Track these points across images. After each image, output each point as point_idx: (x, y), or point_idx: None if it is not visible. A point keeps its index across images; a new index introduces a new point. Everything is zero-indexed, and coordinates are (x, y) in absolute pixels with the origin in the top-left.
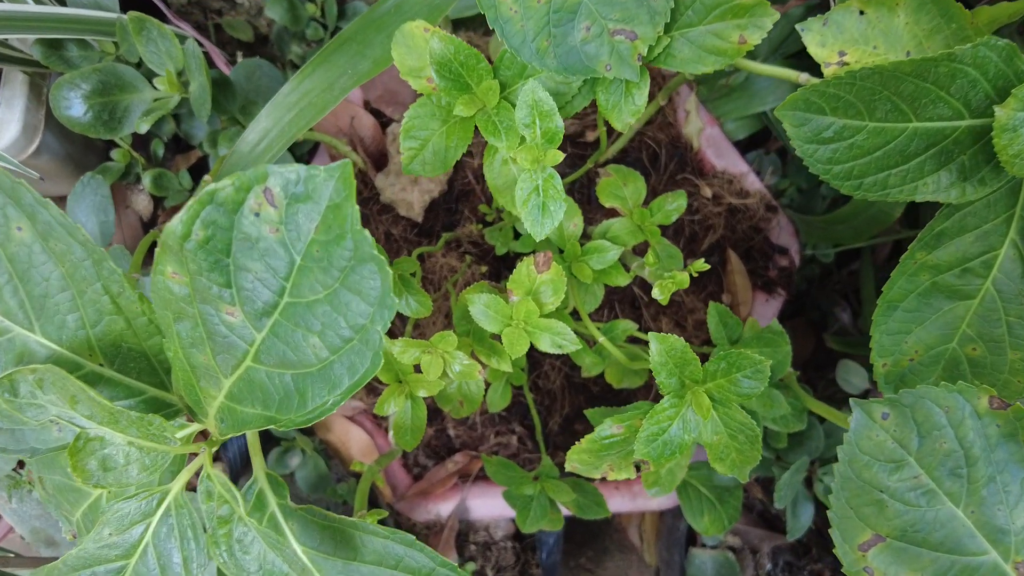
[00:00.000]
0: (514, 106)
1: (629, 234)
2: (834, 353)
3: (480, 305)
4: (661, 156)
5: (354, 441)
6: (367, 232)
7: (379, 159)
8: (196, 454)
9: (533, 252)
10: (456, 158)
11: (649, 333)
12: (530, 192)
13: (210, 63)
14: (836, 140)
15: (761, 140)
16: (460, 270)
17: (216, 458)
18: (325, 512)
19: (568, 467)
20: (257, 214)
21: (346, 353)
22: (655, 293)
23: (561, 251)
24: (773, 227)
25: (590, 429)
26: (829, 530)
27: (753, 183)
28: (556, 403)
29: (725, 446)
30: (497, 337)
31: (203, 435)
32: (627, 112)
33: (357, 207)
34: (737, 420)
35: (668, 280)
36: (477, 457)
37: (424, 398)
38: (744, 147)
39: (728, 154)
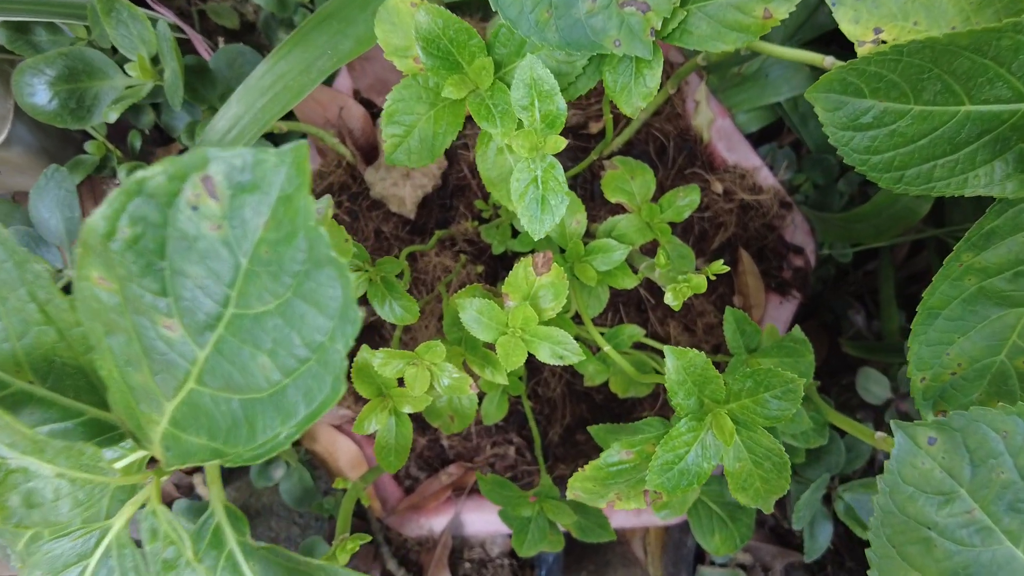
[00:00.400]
0: (510, 87)
1: (637, 232)
2: (849, 358)
3: (472, 311)
4: (669, 149)
5: (342, 452)
6: (323, 230)
7: (369, 152)
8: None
9: (532, 252)
10: (445, 146)
11: (665, 348)
12: (527, 184)
13: (190, 50)
14: (876, 126)
15: (775, 133)
16: (454, 270)
17: (197, 468)
18: (289, 554)
19: (570, 495)
20: (195, 208)
21: (301, 376)
22: (668, 299)
23: (562, 251)
24: (787, 225)
25: (593, 441)
26: (867, 572)
27: (766, 178)
28: (557, 412)
29: (748, 474)
30: (491, 346)
31: (155, 461)
32: (637, 95)
33: (312, 199)
34: (763, 446)
35: (683, 284)
36: (472, 469)
37: (411, 413)
38: (757, 140)
39: (740, 147)
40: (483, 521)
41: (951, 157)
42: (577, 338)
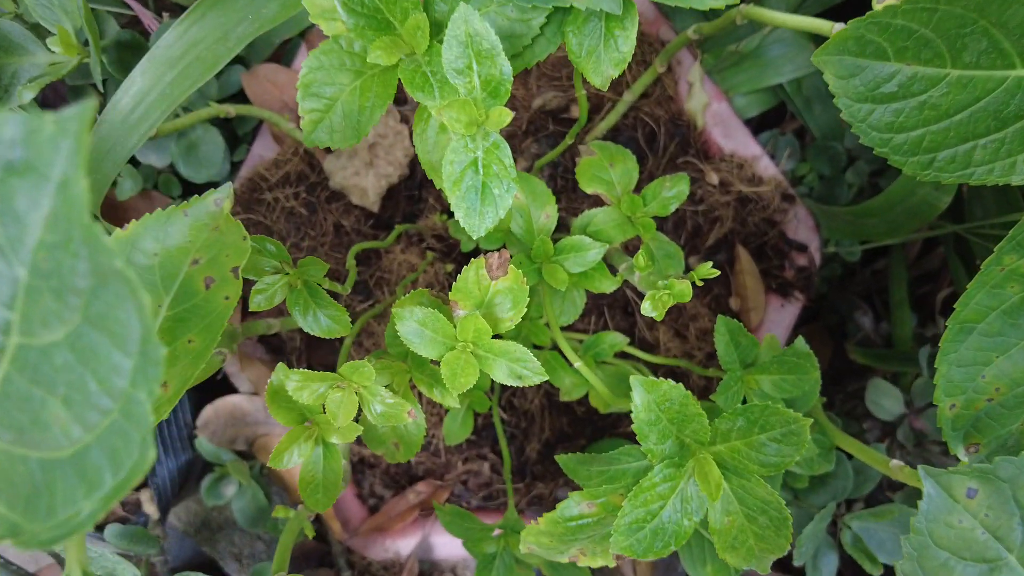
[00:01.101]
0: None
1: (616, 228)
2: (854, 364)
3: (412, 322)
4: (659, 136)
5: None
6: (101, 230)
7: None
8: None
9: (499, 250)
10: (373, 122)
11: (632, 380)
12: (464, 168)
13: (134, 24)
14: (901, 97)
15: (776, 118)
16: (419, 269)
17: (143, 485)
18: None
19: (523, 549)
20: None
21: (105, 433)
22: (646, 308)
23: (530, 249)
24: (790, 220)
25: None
26: None
27: (767, 168)
28: (534, 426)
29: (740, 531)
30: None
31: None
32: (608, 62)
33: (86, 182)
34: (758, 497)
35: (663, 292)
36: (443, 487)
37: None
38: (756, 126)
39: (738, 134)
40: (454, 544)
41: (996, 136)
42: (553, 346)
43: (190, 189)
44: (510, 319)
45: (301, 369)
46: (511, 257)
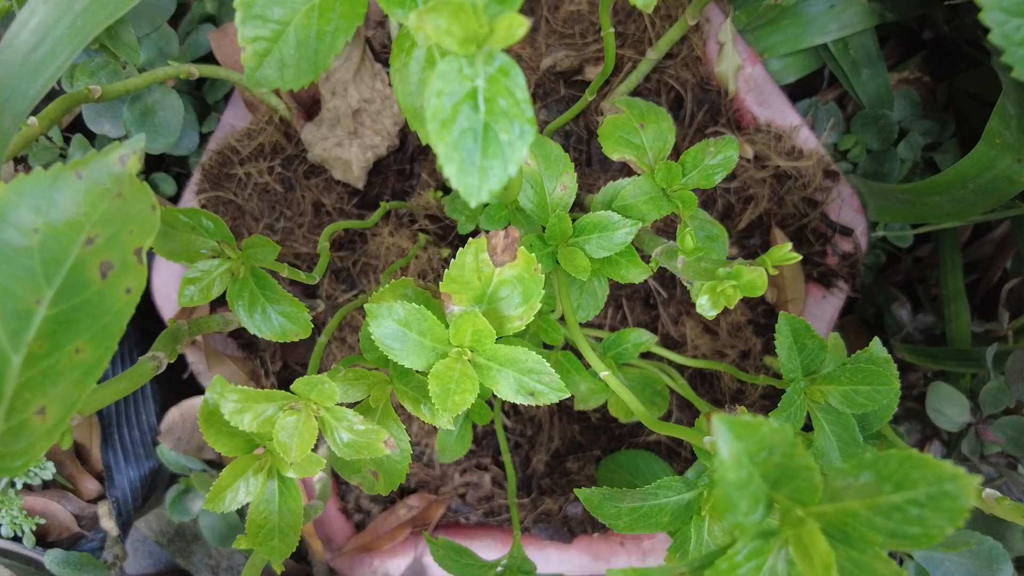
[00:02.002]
0: None
1: (650, 202)
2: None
3: (390, 321)
4: (686, 102)
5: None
6: None
7: (310, 105)
8: None
9: (506, 228)
10: (336, 51)
11: (715, 420)
12: (458, 103)
13: None
14: None
15: (817, 84)
16: (409, 254)
17: (101, 496)
18: None
19: None
20: None
21: None
22: (702, 306)
23: (543, 229)
24: (833, 200)
25: (585, 469)
26: None
27: (807, 140)
28: (542, 434)
29: None
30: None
31: None
32: None
33: None
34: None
35: (726, 284)
36: (438, 501)
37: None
38: (795, 93)
39: (774, 101)
40: None
41: None
42: (565, 345)
43: (154, 162)
44: (519, 317)
45: (244, 388)
46: (520, 237)
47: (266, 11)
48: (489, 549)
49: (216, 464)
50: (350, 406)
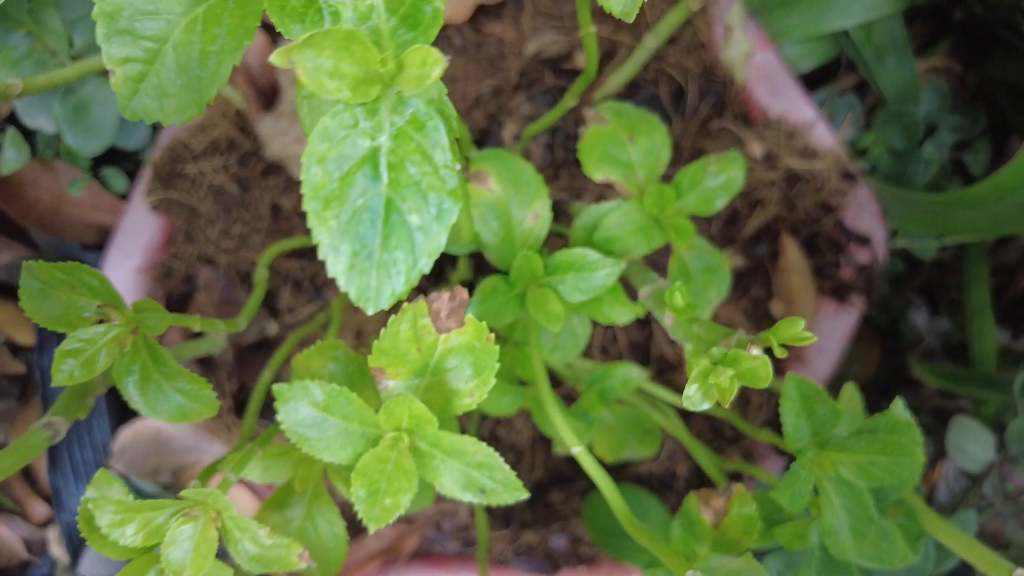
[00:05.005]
0: None
1: (637, 233)
2: (904, 370)
3: (305, 405)
4: (688, 93)
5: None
6: None
7: (270, 95)
8: None
9: (451, 289)
10: (224, 77)
11: None
12: (351, 169)
13: None
14: None
15: (835, 73)
16: None
17: (48, 521)
18: None
19: None
20: None
21: None
22: (692, 396)
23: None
24: (850, 205)
25: (570, 501)
26: None
27: (823, 138)
28: (523, 462)
29: None
30: None
31: None
32: None
33: None
34: None
35: (723, 374)
36: (412, 530)
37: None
38: (811, 83)
39: (788, 92)
40: None
41: None
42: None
43: (105, 156)
44: (470, 393)
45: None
46: (468, 300)
47: (135, 24)
48: None
49: (174, 488)
50: (273, 491)
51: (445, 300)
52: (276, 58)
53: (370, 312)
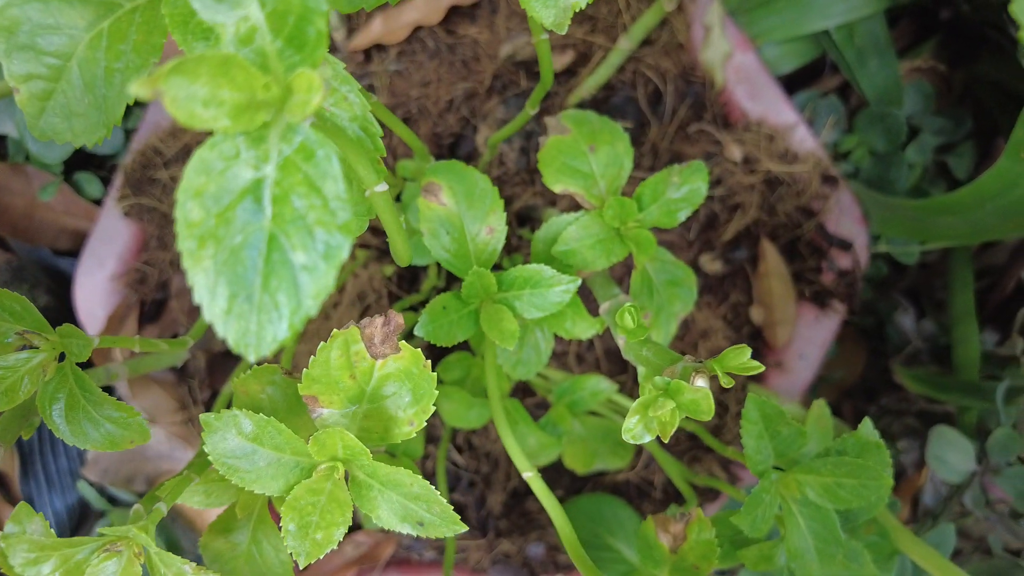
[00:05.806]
0: None
1: (597, 247)
2: (890, 373)
3: (234, 435)
4: (666, 96)
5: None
6: None
7: None
8: None
9: (384, 314)
10: (128, 98)
11: None
12: (231, 204)
13: None
14: None
15: (817, 75)
16: (347, 271)
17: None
18: None
19: None
20: None
21: None
22: (633, 430)
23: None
24: (831, 209)
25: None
26: None
27: (804, 141)
28: (498, 472)
29: None
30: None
31: None
32: None
33: None
34: None
35: (663, 408)
36: (388, 538)
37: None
38: (792, 85)
39: (768, 95)
40: None
41: None
42: (517, 388)
43: (80, 161)
44: (410, 421)
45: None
46: (403, 326)
47: (36, 40)
48: None
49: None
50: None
51: (379, 325)
52: (138, 88)
53: (251, 359)
